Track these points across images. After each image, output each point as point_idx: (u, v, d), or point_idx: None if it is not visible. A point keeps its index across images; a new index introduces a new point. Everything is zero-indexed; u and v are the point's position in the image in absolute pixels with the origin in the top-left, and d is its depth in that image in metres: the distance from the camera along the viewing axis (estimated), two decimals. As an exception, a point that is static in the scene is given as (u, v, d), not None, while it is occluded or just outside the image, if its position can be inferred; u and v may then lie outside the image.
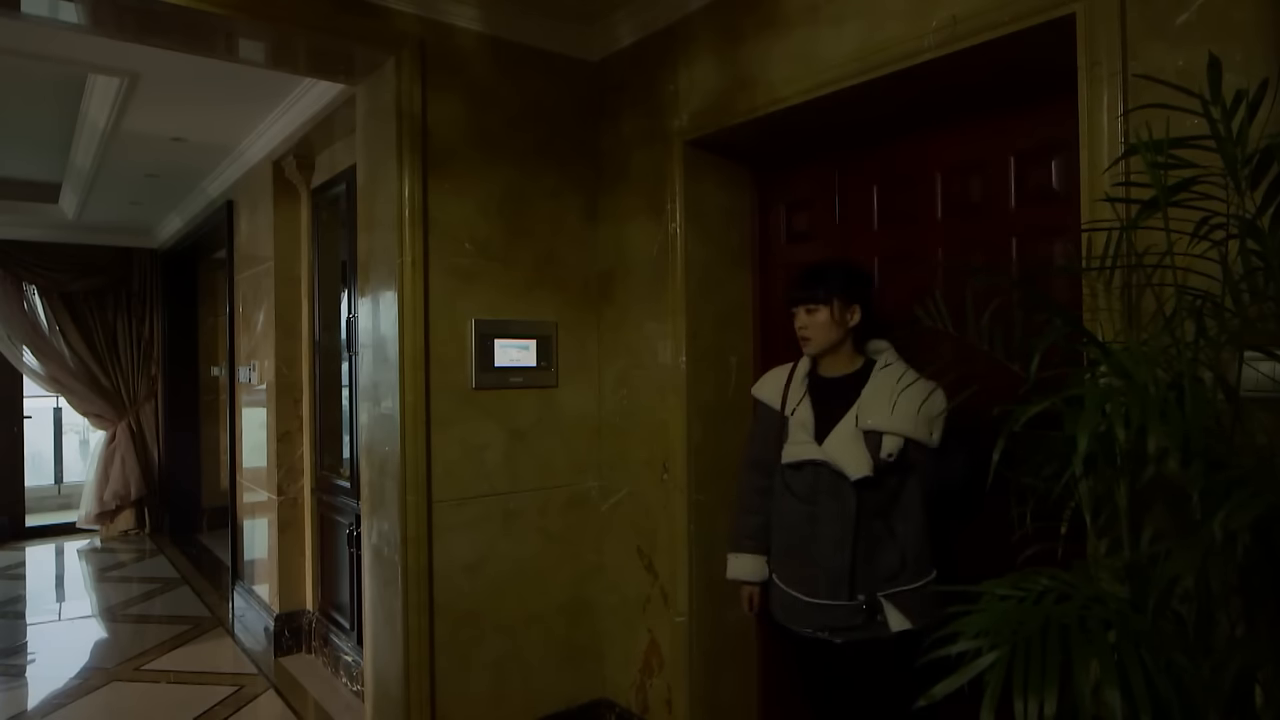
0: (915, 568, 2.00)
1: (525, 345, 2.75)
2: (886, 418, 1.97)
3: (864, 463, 1.96)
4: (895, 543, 2.00)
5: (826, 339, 2.08)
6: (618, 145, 2.85)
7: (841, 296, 2.06)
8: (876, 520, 2.00)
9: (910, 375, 1.99)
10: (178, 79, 3.31)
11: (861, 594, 1.99)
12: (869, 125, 2.35)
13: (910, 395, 1.94)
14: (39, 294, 6.79)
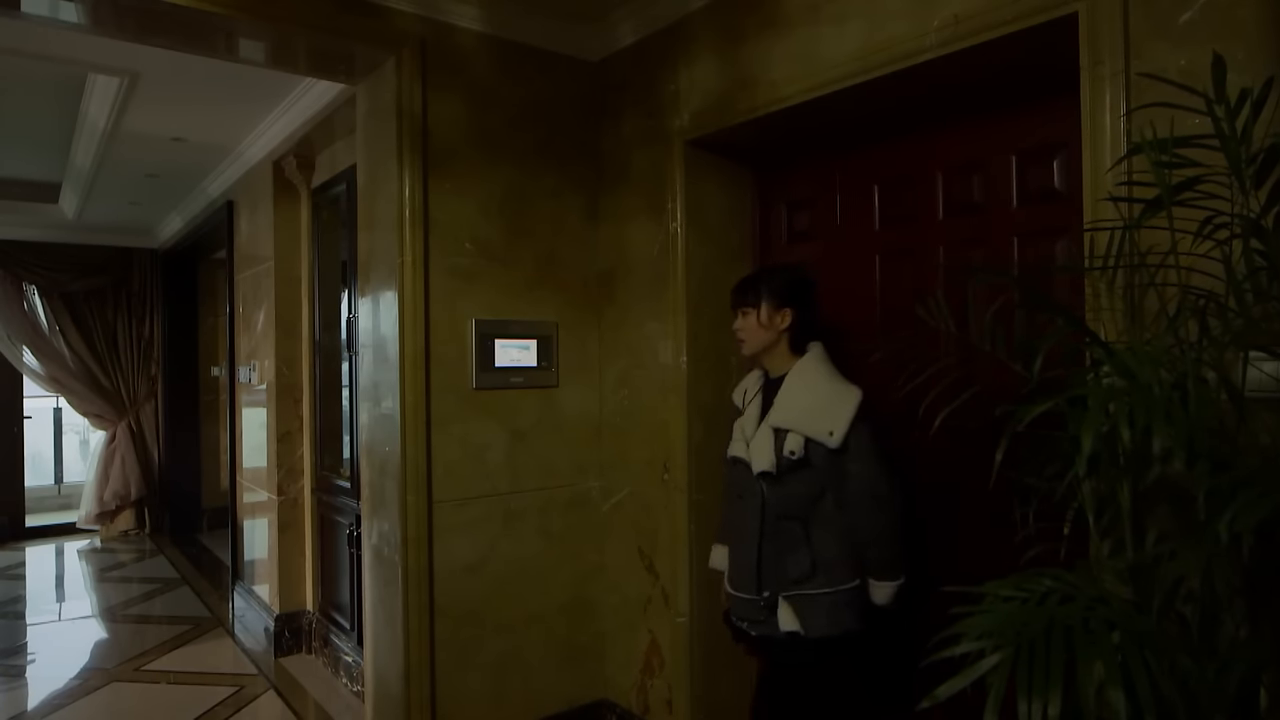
0: (827, 575, 2.02)
1: (526, 345, 2.75)
2: (785, 414, 2.05)
3: (767, 459, 2.04)
4: (808, 547, 2.03)
5: (757, 341, 2.14)
6: (618, 145, 2.84)
7: (772, 300, 2.11)
8: (791, 521, 2.05)
9: (816, 374, 2.07)
10: (178, 79, 3.30)
11: (767, 590, 2.07)
12: (870, 125, 2.34)
13: (812, 393, 2.05)
14: (39, 294, 6.79)
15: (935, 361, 1.90)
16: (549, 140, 2.83)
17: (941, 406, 1.42)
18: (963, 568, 2.15)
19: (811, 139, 2.50)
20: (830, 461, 2.01)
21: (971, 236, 2.20)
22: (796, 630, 2.03)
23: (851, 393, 2.03)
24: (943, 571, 2.05)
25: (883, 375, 2.34)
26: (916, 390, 2.19)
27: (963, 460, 2.15)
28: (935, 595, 1.96)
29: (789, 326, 2.12)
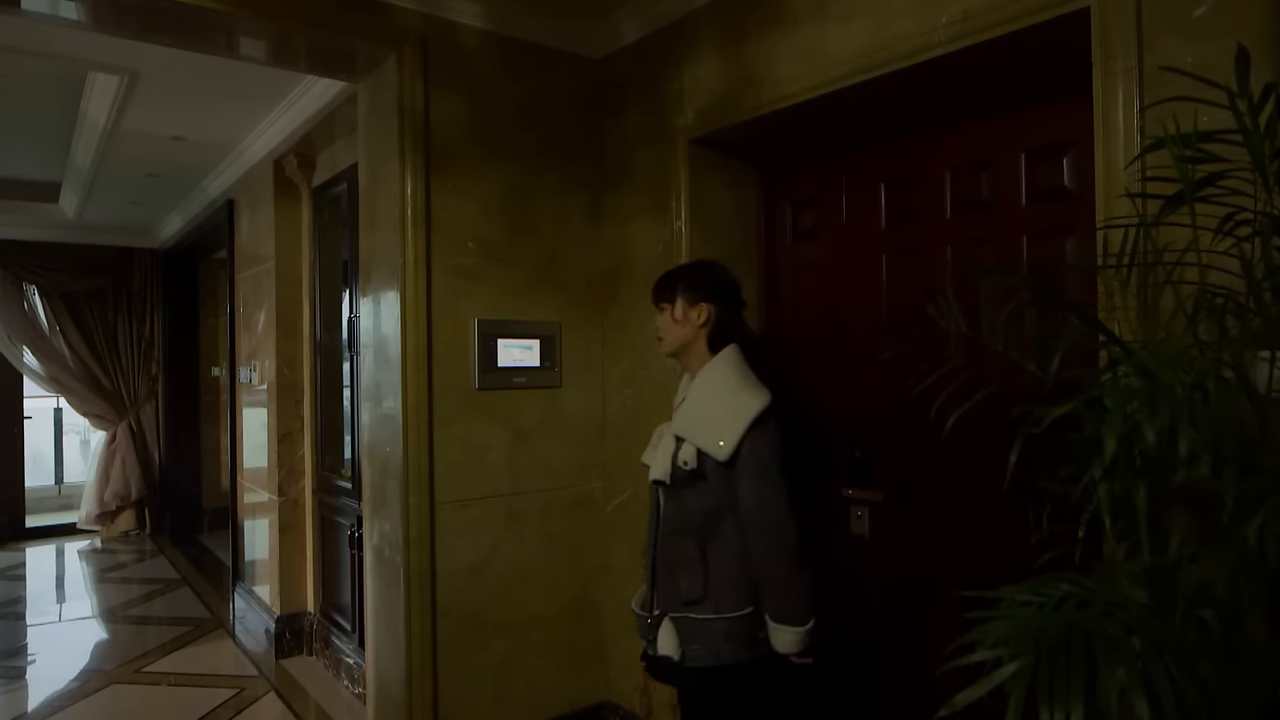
0: (718, 600, 1.86)
1: (528, 345, 2.73)
2: (682, 421, 1.94)
3: (662, 467, 1.93)
4: (703, 567, 1.88)
5: (673, 338, 2.02)
6: (622, 143, 2.82)
7: (687, 295, 1.99)
8: (685, 537, 1.91)
9: (720, 379, 1.92)
10: (178, 77, 3.28)
11: (658, 609, 1.96)
12: (876, 122, 2.32)
13: (711, 399, 1.90)
14: (39, 294, 6.77)
15: (943, 362, 1.88)
16: (551, 139, 2.81)
17: (953, 407, 1.40)
18: (975, 572, 2.13)
19: (817, 137, 2.48)
20: (723, 476, 1.85)
21: (979, 235, 2.17)
22: (669, 655, 1.90)
23: (752, 402, 1.84)
24: (955, 575, 2.04)
25: (891, 376, 2.33)
26: (925, 391, 2.18)
27: (975, 462, 2.13)
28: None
29: (705, 323, 1.97)
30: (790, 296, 2.69)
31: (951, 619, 2.18)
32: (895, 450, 2.34)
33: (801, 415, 2.14)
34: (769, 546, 1.82)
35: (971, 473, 2.14)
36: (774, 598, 1.83)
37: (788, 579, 1.82)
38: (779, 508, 1.82)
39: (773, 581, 1.83)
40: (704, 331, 1.98)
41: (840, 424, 2.50)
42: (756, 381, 1.93)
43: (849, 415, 2.47)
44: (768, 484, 1.82)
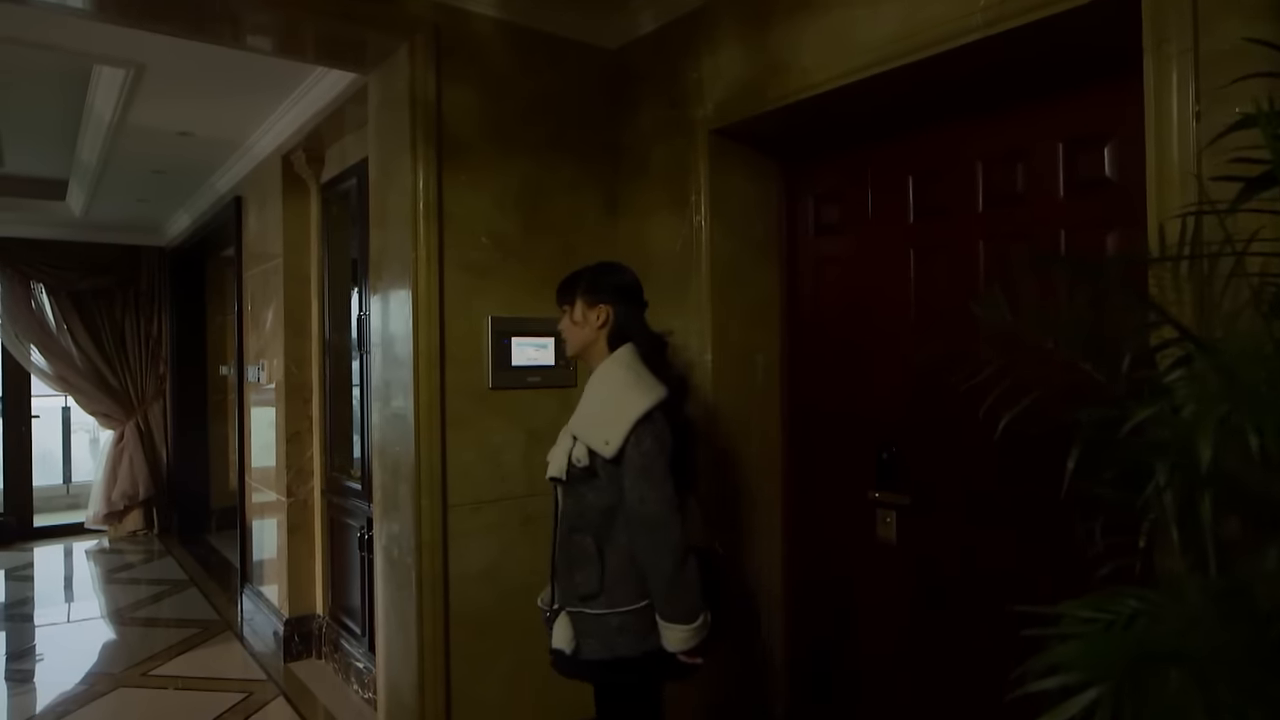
0: (613, 594, 1.88)
1: (543, 344, 2.65)
2: (576, 419, 1.96)
3: (558, 464, 1.95)
4: (598, 564, 1.90)
5: (574, 339, 2.04)
6: (638, 137, 2.74)
7: (586, 296, 2.00)
8: (583, 534, 1.92)
9: (611, 377, 1.93)
10: (184, 70, 3.22)
11: (557, 603, 2.00)
12: (905, 112, 2.24)
13: (600, 398, 1.93)
14: (47, 292, 6.74)
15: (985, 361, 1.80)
16: (566, 132, 2.73)
17: (1002, 410, 1.31)
18: (1016, 582, 2.05)
19: (842, 128, 2.39)
20: (612, 474, 1.86)
21: (1014, 229, 2.09)
22: (562, 649, 1.94)
23: (639, 401, 1.84)
24: (993, 585, 1.95)
25: (922, 374, 2.25)
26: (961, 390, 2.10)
27: (1015, 465, 2.04)
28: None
29: (604, 324, 1.98)
30: (812, 292, 2.61)
31: (988, 631, 2.10)
32: (926, 451, 2.26)
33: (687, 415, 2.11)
34: (650, 543, 1.83)
35: (1011, 476, 2.06)
36: (659, 595, 1.85)
37: (670, 576, 1.82)
38: (660, 506, 1.82)
39: (656, 578, 1.84)
40: (603, 333, 1.99)
41: (865, 424, 2.42)
42: (650, 381, 1.92)
43: (874, 414, 2.39)
44: (649, 482, 1.82)
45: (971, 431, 2.11)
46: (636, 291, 2.06)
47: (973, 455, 2.13)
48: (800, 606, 2.65)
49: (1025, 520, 2.03)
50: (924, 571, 2.27)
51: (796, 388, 2.65)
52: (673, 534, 1.82)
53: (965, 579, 2.17)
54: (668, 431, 1.87)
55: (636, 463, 1.82)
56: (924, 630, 2.27)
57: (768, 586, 2.64)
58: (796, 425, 2.64)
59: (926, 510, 2.25)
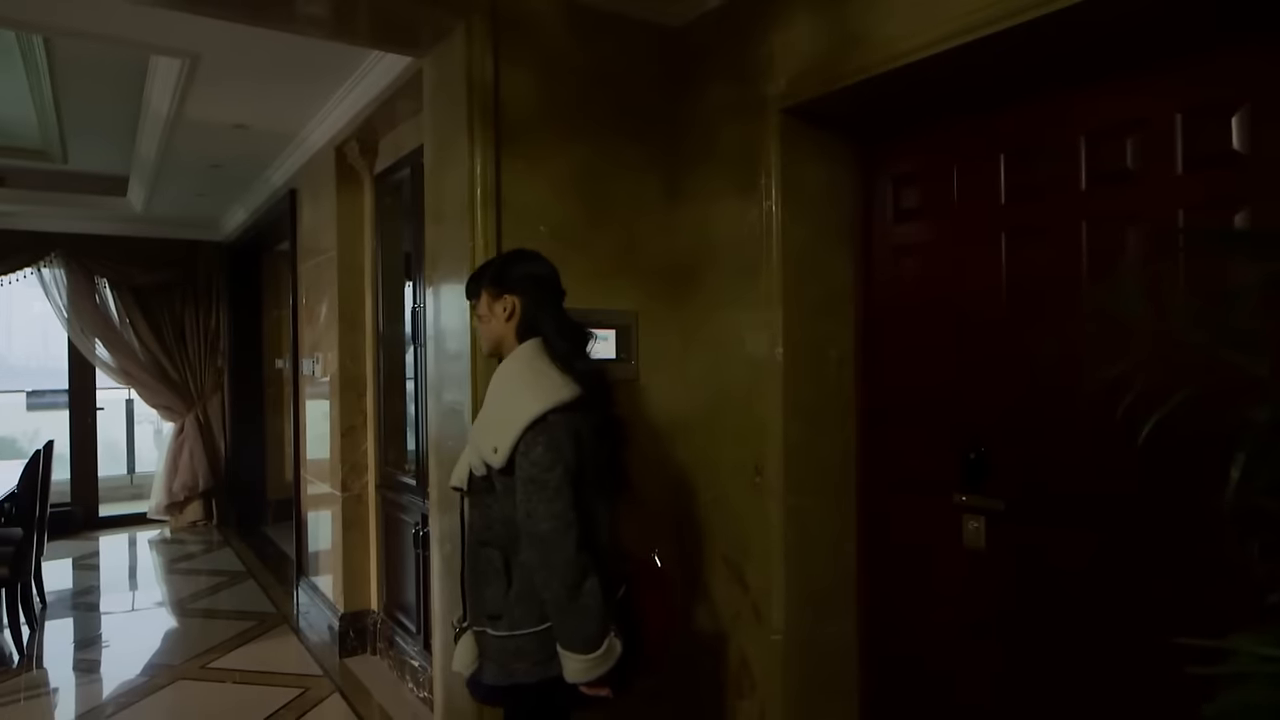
0: (514, 615, 1.75)
1: (604, 336, 2.53)
2: (474, 425, 1.84)
3: (460, 473, 1.85)
4: (505, 580, 1.77)
5: (486, 335, 1.91)
6: (703, 118, 2.60)
7: (491, 288, 1.87)
8: (490, 548, 1.80)
9: (508, 377, 1.79)
10: (238, 60, 3.18)
11: (466, 621, 1.88)
12: (1000, 83, 2.06)
13: (495, 401, 1.78)
14: (110, 287, 6.87)
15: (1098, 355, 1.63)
16: (627, 114, 2.61)
17: (1140, 410, 1.15)
18: (1131, 604, 1.87)
19: (926, 103, 2.22)
20: (507, 485, 1.72)
21: (1123, 210, 1.90)
22: (460, 671, 1.84)
23: (531, 405, 1.68)
24: (1101, 605, 1.77)
25: (1018, 369, 2.07)
26: (1068, 389, 1.92)
27: (1130, 470, 1.86)
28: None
29: (511, 316, 1.84)
30: (889, 281, 2.44)
31: (1096, 658, 1.93)
32: (1022, 452, 2.08)
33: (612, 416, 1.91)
34: (540, 563, 1.68)
35: (1123, 481, 1.88)
36: (554, 619, 1.70)
37: (560, 600, 1.66)
38: (550, 521, 1.65)
39: (549, 602, 1.69)
40: (512, 326, 1.86)
41: (949, 422, 2.25)
42: (552, 379, 1.75)
43: (960, 412, 2.22)
44: (539, 495, 1.66)
45: (1080, 430, 1.95)
46: (548, 280, 1.89)
47: (1081, 456, 1.95)
48: (875, 617, 2.49)
49: (1147, 531, 1.84)
50: (1020, 583, 2.09)
51: (872, 384, 2.49)
52: (563, 553, 1.65)
53: (1068, 595, 1.99)
54: (568, 437, 1.69)
55: (525, 473, 1.67)
56: (1019, 647, 2.10)
57: (842, 597, 2.49)
58: (872, 424, 2.48)
59: (1023, 516, 2.08)
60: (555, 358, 1.80)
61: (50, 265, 6.63)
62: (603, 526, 1.81)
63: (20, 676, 3.88)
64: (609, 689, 1.73)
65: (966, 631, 2.22)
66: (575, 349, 1.85)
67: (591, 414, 1.80)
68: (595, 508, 1.77)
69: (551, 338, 1.83)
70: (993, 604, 2.15)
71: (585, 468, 1.73)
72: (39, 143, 5.07)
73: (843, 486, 2.49)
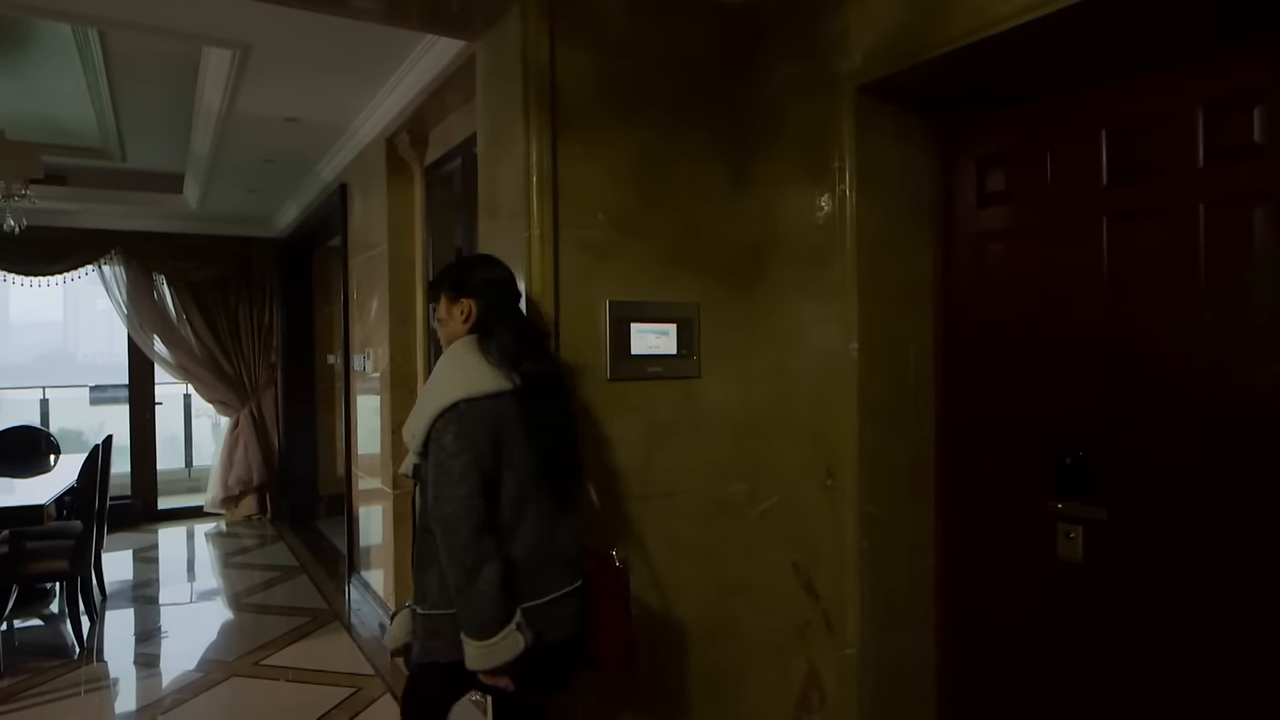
0: (435, 595, 1.84)
1: (664, 330, 2.41)
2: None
3: (409, 461, 1.91)
4: (439, 563, 1.81)
5: (444, 336, 2.00)
6: (770, 100, 2.45)
7: (449, 292, 1.98)
8: (430, 533, 1.85)
9: (441, 369, 1.89)
10: (288, 50, 3.13)
11: (410, 601, 1.97)
12: (1104, 52, 1.87)
13: (425, 390, 1.88)
14: (167, 284, 6.97)
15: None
16: (688, 97, 2.47)
17: None
18: (1264, 629, 1.69)
19: (1017, 77, 2.04)
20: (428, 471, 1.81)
21: (1248, 189, 1.71)
22: (388, 644, 2.01)
23: (447, 392, 1.78)
24: (1227, 628, 1.59)
25: (1123, 365, 1.89)
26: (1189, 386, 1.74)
27: (1262, 476, 1.67)
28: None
29: (468, 319, 1.93)
30: (973, 271, 2.27)
31: (1217, 690, 1.74)
32: (1129, 455, 1.90)
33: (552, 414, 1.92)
34: (444, 544, 1.76)
35: (1253, 490, 1.69)
36: (455, 603, 1.77)
37: (457, 583, 1.74)
38: (452, 506, 1.74)
39: (450, 585, 1.77)
40: (468, 328, 1.95)
41: (1041, 423, 2.08)
42: (478, 371, 1.84)
43: (1054, 412, 2.05)
44: (444, 479, 1.75)
45: (1199, 431, 1.76)
46: (505, 286, 2.00)
47: (1201, 460, 1.77)
48: (955, 633, 2.33)
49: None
50: (1125, 599, 1.91)
51: (954, 381, 2.32)
52: (460, 538, 1.72)
53: (1192, 617, 1.80)
54: (483, 426, 1.77)
55: (434, 458, 1.77)
56: (1120, 670, 1.92)
57: (919, 610, 2.33)
58: (953, 424, 2.32)
59: (1131, 526, 1.89)
60: (500, 355, 1.87)
61: (110, 262, 6.75)
62: (545, 521, 1.85)
63: (81, 669, 3.92)
64: (509, 680, 1.77)
65: (1059, 651, 2.04)
66: (525, 349, 1.91)
67: (535, 409, 1.85)
68: (529, 502, 1.83)
69: (502, 339, 1.90)
70: (1091, 621, 1.97)
71: (511, 459, 1.80)
72: (98, 141, 5.14)
73: (921, 491, 2.33)
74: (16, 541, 3.94)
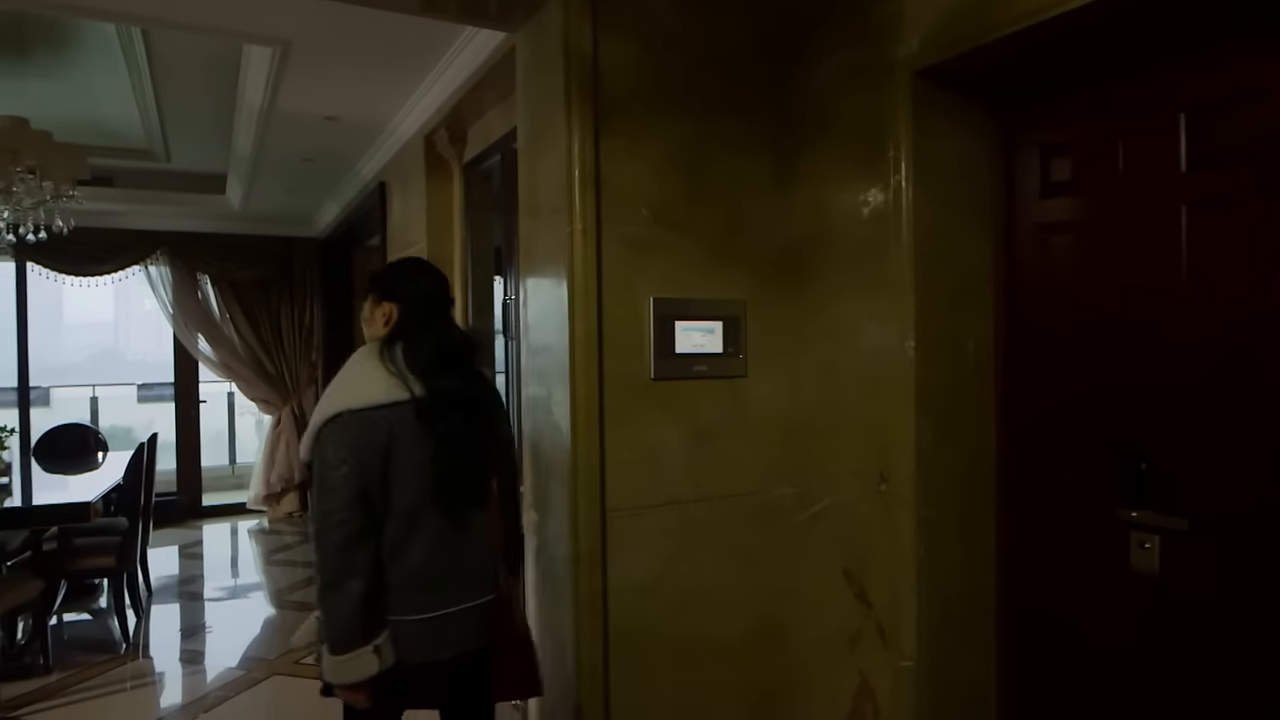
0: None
1: (710, 328, 2.34)
2: None
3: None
4: None
5: (368, 336, 1.99)
6: (819, 90, 2.36)
7: (374, 294, 1.98)
8: None
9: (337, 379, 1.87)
10: (327, 47, 3.12)
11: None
12: (1180, 26, 1.75)
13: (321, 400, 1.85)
14: (211, 283, 7.07)
15: None
16: (733, 87, 2.39)
17: None
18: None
19: (1086, 57, 1.92)
20: None
21: (1349, 172, 1.58)
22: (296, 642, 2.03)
23: (336, 402, 1.78)
24: None
25: (1206, 365, 1.76)
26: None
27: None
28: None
29: (389, 323, 1.92)
30: (1035, 264, 2.16)
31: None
32: (1213, 462, 1.77)
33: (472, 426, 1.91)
34: (317, 554, 1.78)
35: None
36: (319, 612, 1.80)
37: (321, 594, 1.77)
38: (324, 520, 1.74)
39: (316, 594, 1.79)
40: (388, 332, 1.93)
41: (1112, 426, 1.96)
42: (371, 381, 1.81)
43: (1126, 415, 1.93)
44: (321, 489, 1.75)
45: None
46: (431, 295, 1.98)
47: (1283, 470, 1.64)
48: (1017, 648, 2.21)
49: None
50: (1206, 613, 1.79)
51: (1015, 380, 2.20)
52: (327, 550, 1.74)
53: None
54: (368, 438, 1.75)
55: (316, 468, 1.77)
56: (1203, 691, 1.80)
57: (979, 621, 2.22)
58: (1015, 426, 2.20)
59: (1211, 535, 1.77)
60: (405, 365, 1.84)
61: (156, 263, 6.86)
62: (445, 535, 1.84)
63: (127, 665, 3.96)
64: (365, 697, 1.76)
65: (1132, 667, 1.92)
66: (439, 363, 1.87)
67: (433, 423, 1.81)
68: (425, 516, 1.81)
69: (417, 349, 1.86)
70: (1169, 636, 1.85)
71: (403, 471, 1.77)
72: (144, 142, 5.21)
73: (980, 496, 2.22)
74: (65, 538, 4.00)
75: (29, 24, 3.41)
